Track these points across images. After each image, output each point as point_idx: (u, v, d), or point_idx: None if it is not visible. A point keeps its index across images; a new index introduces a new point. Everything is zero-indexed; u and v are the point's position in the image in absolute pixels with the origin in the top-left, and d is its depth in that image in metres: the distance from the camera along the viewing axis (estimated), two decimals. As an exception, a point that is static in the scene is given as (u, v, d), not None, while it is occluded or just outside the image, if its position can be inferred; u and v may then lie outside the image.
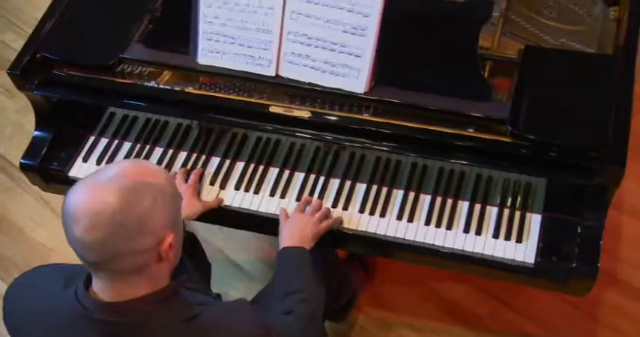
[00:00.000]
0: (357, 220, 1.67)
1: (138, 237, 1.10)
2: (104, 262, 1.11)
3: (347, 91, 1.62)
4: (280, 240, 1.58)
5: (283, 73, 1.66)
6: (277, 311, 1.41)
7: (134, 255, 1.11)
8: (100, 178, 1.12)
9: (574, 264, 1.55)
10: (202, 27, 1.68)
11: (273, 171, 1.76)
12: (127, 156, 1.82)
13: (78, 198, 1.10)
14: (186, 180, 1.72)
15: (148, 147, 1.83)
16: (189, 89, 1.70)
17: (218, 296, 1.63)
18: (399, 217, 1.67)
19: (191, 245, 1.79)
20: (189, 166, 1.78)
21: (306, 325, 1.40)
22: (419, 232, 1.64)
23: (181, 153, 1.81)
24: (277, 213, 1.69)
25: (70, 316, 1.17)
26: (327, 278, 1.67)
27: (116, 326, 1.14)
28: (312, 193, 1.72)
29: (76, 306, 1.16)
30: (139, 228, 1.09)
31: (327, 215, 1.64)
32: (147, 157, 1.81)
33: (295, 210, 1.65)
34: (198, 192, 1.70)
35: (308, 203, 1.66)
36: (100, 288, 1.16)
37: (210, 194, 1.74)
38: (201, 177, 1.73)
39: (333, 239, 1.68)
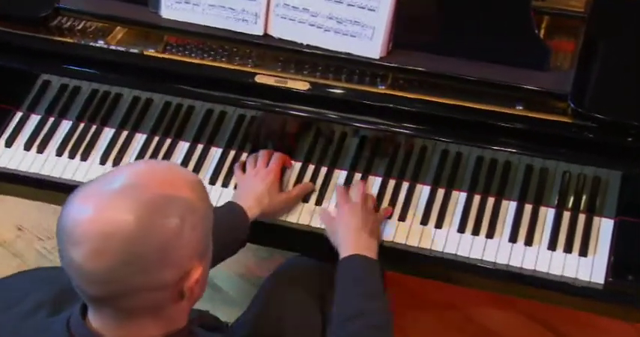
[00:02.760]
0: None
1: (157, 270, 1.08)
2: (109, 299, 1.10)
3: (357, 56, 1.62)
4: (339, 247, 1.58)
5: (274, 32, 1.66)
6: None
7: (149, 293, 1.10)
8: (111, 186, 1.09)
9: (657, 286, 1.55)
10: (167, -31, 1.68)
11: (261, 160, 1.76)
12: (67, 139, 1.79)
13: (80, 212, 1.07)
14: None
15: (94, 127, 1.82)
16: (150, 52, 1.70)
17: (226, 325, 1.64)
18: (424, 221, 1.67)
19: None
20: (149, 153, 1.77)
21: None
22: (450, 241, 1.63)
23: (138, 135, 1.80)
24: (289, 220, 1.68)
25: None
26: (323, 294, 1.66)
27: None
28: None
29: None
30: (160, 259, 1.07)
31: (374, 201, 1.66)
32: (93, 140, 1.80)
33: (341, 202, 1.64)
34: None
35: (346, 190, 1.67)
36: (102, 324, 1.15)
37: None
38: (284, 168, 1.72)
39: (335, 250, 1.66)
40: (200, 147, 1.77)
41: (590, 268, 1.58)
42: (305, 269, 1.70)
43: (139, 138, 1.79)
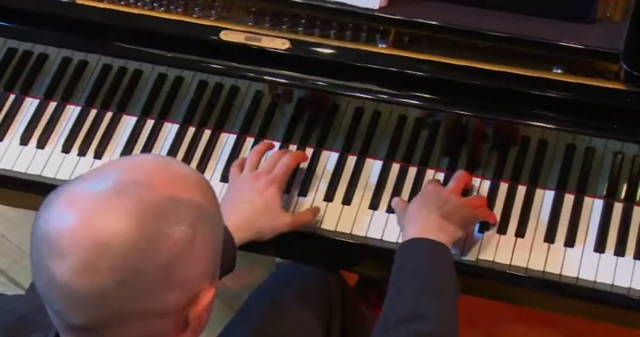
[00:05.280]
0: (372, 221, 1.67)
1: (160, 291, 1.06)
2: (96, 328, 1.07)
3: (351, 6, 1.63)
4: (403, 229, 1.61)
5: (244, -25, 1.66)
6: None
7: (147, 321, 1.08)
8: (104, 184, 1.07)
9: None
10: None
11: (228, 139, 1.77)
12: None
13: (66, 217, 1.05)
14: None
15: (13, 97, 1.82)
16: (86, 1, 1.70)
17: None
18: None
19: None
20: (84, 130, 1.76)
21: None
22: (469, 242, 1.63)
23: (70, 108, 1.80)
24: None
25: None
26: (328, 314, 1.71)
27: None
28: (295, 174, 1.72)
29: None
30: (165, 278, 1.06)
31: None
32: (11, 114, 1.79)
33: (430, 182, 1.65)
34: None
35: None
36: None
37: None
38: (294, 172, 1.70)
39: (340, 256, 1.70)
40: (150, 122, 1.78)
41: (648, 275, 1.56)
42: (308, 280, 1.70)
43: (72, 112, 1.79)
